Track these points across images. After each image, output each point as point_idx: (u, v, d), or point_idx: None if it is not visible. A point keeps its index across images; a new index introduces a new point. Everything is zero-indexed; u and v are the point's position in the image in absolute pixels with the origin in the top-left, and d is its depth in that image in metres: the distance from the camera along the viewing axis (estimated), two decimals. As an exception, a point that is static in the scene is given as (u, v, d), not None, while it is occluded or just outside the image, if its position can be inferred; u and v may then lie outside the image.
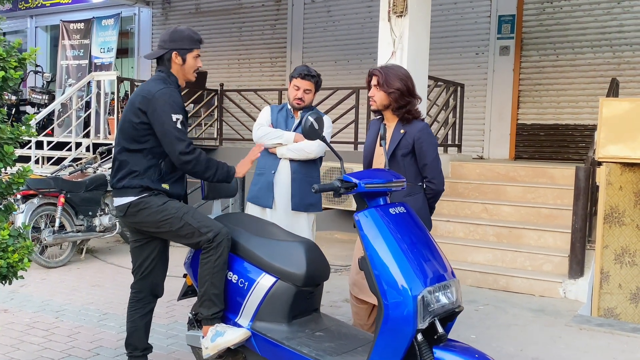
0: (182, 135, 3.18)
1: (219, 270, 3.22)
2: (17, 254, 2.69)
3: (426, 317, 2.63)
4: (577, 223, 5.63)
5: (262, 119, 4.34)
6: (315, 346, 2.98)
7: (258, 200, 4.25)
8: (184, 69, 3.37)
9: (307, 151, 4.15)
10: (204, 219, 3.26)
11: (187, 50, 3.33)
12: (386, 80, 3.53)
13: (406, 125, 3.58)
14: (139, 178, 3.26)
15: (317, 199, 4.28)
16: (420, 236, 2.86)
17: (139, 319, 3.48)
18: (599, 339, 4.60)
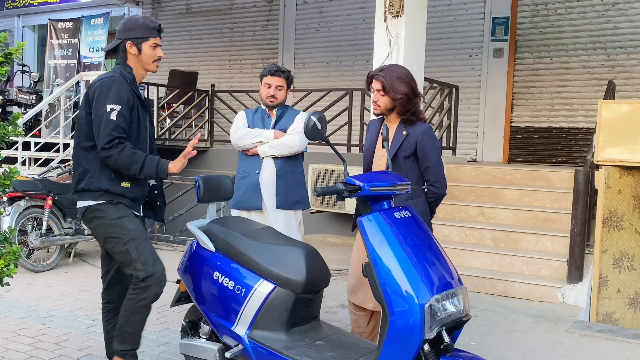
0: (111, 126, 2.99)
1: (139, 312, 3.12)
2: (2, 259, 2.55)
3: (434, 326, 2.52)
4: (576, 227, 5.55)
5: (238, 122, 4.29)
6: (315, 356, 2.86)
7: (244, 204, 4.16)
8: (141, 59, 3.20)
9: (289, 145, 4.09)
10: (146, 255, 3.09)
11: (142, 39, 3.17)
12: (392, 86, 3.41)
13: (409, 127, 3.48)
14: (97, 178, 3.10)
15: (303, 196, 4.21)
16: (426, 241, 2.75)
17: (112, 329, 3.32)
18: (600, 345, 4.51)
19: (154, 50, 3.21)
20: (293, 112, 4.29)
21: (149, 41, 3.19)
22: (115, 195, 3.13)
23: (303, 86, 10.54)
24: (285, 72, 4.18)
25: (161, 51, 3.27)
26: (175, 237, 7.92)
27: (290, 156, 4.17)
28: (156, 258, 3.15)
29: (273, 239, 3.23)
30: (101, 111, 3.01)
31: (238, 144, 4.21)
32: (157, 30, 3.23)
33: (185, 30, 12.50)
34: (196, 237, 3.34)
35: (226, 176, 3.57)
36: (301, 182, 4.23)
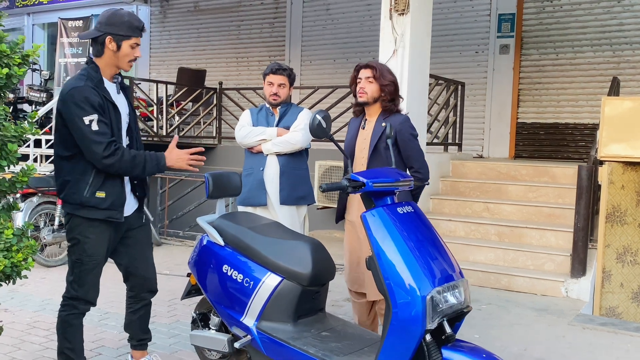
0: (98, 137, 2.98)
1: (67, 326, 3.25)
2: (21, 253, 2.66)
3: (435, 317, 2.61)
4: (580, 222, 5.62)
5: (242, 121, 4.40)
6: (321, 346, 2.96)
7: (250, 200, 4.26)
8: (118, 56, 3.12)
9: (292, 142, 4.19)
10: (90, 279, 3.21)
11: (123, 36, 3.09)
12: (382, 74, 3.66)
13: (388, 118, 3.66)
14: (74, 190, 3.11)
15: (307, 192, 4.31)
16: (428, 235, 2.84)
17: (130, 313, 3.57)
18: (602, 338, 4.59)
19: (132, 49, 3.16)
20: (296, 109, 4.38)
21: (131, 40, 3.13)
22: (89, 208, 3.11)
23: (309, 83, 10.63)
24: (287, 70, 4.27)
25: (139, 51, 3.21)
26: (185, 232, 8.04)
27: (294, 153, 4.26)
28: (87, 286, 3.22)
29: (280, 234, 3.33)
30: (80, 124, 2.97)
31: (242, 142, 4.32)
32: (140, 30, 3.19)
33: (193, 28, 12.60)
34: (206, 231, 3.45)
35: (235, 173, 3.67)
36: (305, 178, 4.33)
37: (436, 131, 7.98)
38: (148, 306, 3.60)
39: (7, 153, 2.64)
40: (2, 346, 4.06)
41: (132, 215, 3.36)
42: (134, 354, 3.62)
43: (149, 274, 3.49)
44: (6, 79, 2.61)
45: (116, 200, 3.17)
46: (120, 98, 3.25)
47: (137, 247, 3.43)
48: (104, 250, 3.25)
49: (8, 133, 2.64)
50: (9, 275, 2.68)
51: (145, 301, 3.56)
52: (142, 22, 3.24)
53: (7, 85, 2.65)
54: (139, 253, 3.44)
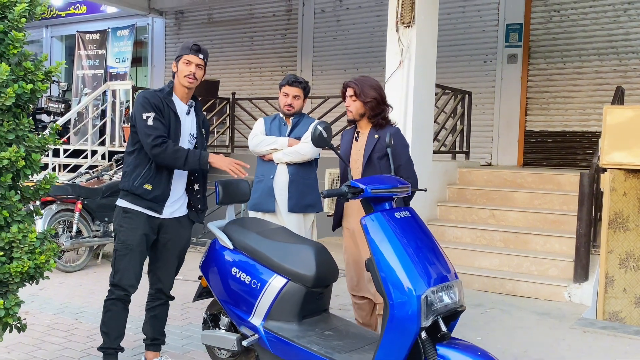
0: (150, 130, 3.39)
1: (106, 310, 3.59)
2: (43, 255, 2.86)
3: (429, 315, 2.77)
4: (582, 228, 5.75)
5: (256, 129, 4.59)
6: (324, 344, 3.13)
7: (259, 206, 4.44)
8: (178, 75, 3.58)
9: (301, 153, 4.37)
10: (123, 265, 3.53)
11: (179, 57, 3.57)
12: (362, 91, 3.81)
13: (379, 131, 3.84)
14: (126, 179, 3.53)
15: (315, 200, 4.47)
16: (425, 239, 3.01)
17: (148, 310, 3.82)
18: (602, 341, 4.70)
19: (186, 66, 3.53)
20: (308, 120, 4.56)
21: (182, 58, 3.54)
22: (134, 196, 3.49)
23: (320, 93, 10.82)
24: (303, 83, 4.46)
25: (194, 67, 3.53)
26: (198, 239, 8.23)
27: (304, 163, 4.44)
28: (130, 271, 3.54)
29: (286, 238, 3.52)
30: (139, 119, 3.43)
31: (255, 150, 4.52)
32: (190, 48, 3.54)
33: (207, 39, 12.86)
34: (216, 236, 3.63)
35: (244, 180, 3.85)
36: (313, 187, 4.50)
37: (443, 139, 8.13)
38: (164, 307, 3.83)
39: (31, 162, 2.85)
40: (23, 346, 4.27)
41: (176, 219, 3.66)
42: (147, 354, 3.84)
43: (165, 278, 3.76)
44: (30, 94, 2.81)
45: (160, 194, 3.53)
46: (190, 119, 3.66)
47: (165, 250, 3.69)
48: (137, 239, 3.53)
49: (32, 144, 2.85)
50: (32, 276, 2.87)
51: (160, 301, 3.79)
52: (192, 42, 3.59)
53: (32, 100, 2.86)
54: (164, 256, 3.71)
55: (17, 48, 2.81)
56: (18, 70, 2.83)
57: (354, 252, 3.90)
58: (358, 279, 3.90)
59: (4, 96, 2.69)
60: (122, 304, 3.59)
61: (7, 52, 2.81)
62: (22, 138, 2.82)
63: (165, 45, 13.39)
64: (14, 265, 2.75)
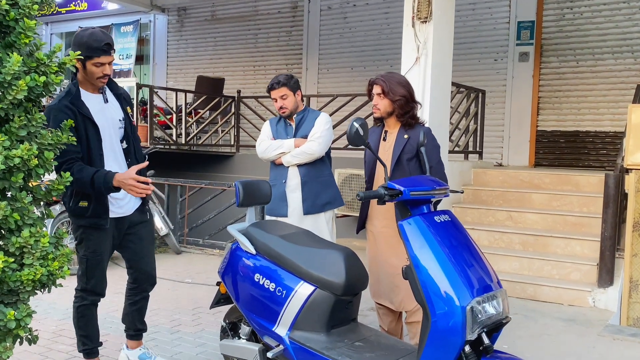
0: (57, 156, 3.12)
1: (80, 316, 3.57)
2: (57, 261, 2.65)
3: (475, 328, 2.57)
4: (607, 231, 5.55)
5: (263, 134, 4.44)
6: (356, 357, 2.92)
7: (272, 211, 4.30)
8: (86, 74, 3.26)
9: (309, 153, 4.20)
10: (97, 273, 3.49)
11: (85, 57, 3.18)
12: (391, 89, 3.61)
13: (409, 130, 3.65)
14: (65, 200, 3.38)
15: (332, 197, 4.29)
16: (466, 245, 2.81)
17: (129, 305, 3.79)
18: (634, 349, 4.52)
19: (98, 68, 3.22)
20: (313, 115, 4.35)
21: (93, 60, 3.20)
22: (77, 216, 3.37)
23: (327, 91, 10.63)
24: (282, 81, 4.25)
25: (109, 69, 3.24)
26: (205, 240, 8.03)
27: (315, 161, 4.25)
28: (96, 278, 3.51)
29: (312, 242, 3.30)
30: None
31: (263, 157, 4.37)
32: (102, 49, 3.19)
33: (211, 37, 12.66)
34: (237, 239, 3.42)
35: (264, 181, 3.66)
36: (329, 184, 4.30)
37: (457, 139, 7.93)
38: (146, 299, 3.83)
39: (44, 161, 2.63)
40: (31, 354, 4.06)
41: (135, 212, 3.59)
42: (130, 343, 3.84)
43: (149, 268, 3.73)
44: (43, 87, 2.60)
45: (98, 207, 3.35)
46: (109, 106, 3.41)
47: (139, 242, 3.65)
48: (107, 247, 3.50)
49: (45, 141, 2.63)
50: (44, 284, 2.66)
51: (144, 294, 3.79)
52: (103, 40, 3.20)
53: (44, 93, 2.65)
54: (140, 248, 3.66)
55: (29, 37, 2.59)
56: (30, 62, 2.61)
57: (376, 257, 3.71)
58: (378, 286, 3.71)
59: (15, 89, 2.48)
60: (94, 307, 3.61)
61: (18, 42, 2.59)
62: (34, 135, 2.61)
63: (167, 42, 13.17)
64: (25, 273, 2.54)
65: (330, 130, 4.31)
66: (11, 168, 2.52)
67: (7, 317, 2.50)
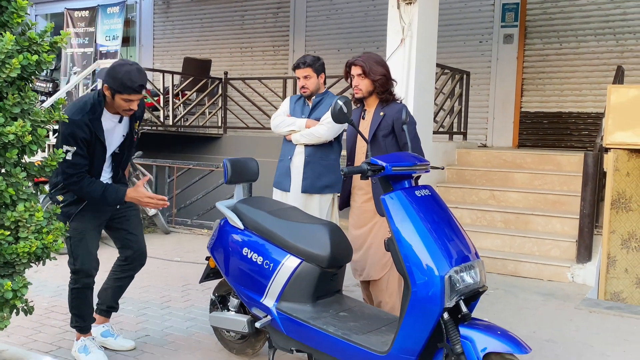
0: (67, 166, 3.30)
1: (74, 298, 3.58)
2: (51, 235, 2.74)
3: (453, 296, 2.70)
4: (586, 208, 5.71)
5: (281, 109, 4.58)
6: (340, 325, 3.05)
7: (279, 184, 4.47)
8: (113, 103, 3.40)
9: (316, 135, 4.30)
10: (74, 252, 3.49)
11: (116, 90, 3.32)
12: (371, 69, 3.72)
13: (385, 108, 3.76)
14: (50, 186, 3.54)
15: (333, 181, 4.37)
16: (445, 218, 2.93)
17: (113, 279, 3.83)
18: (609, 321, 4.69)
19: (126, 103, 3.37)
20: (331, 99, 4.39)
21: (122, 95, 3.33)
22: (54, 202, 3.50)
23: (314, 73, 10.67)
24: (307, 62, 4.34)
25: (136, 105, 3.39)
26: (193, 220, 8.12)
27: (323, 144, 4.34)
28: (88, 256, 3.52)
29: (298, 217, 3.42)
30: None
31: (275, 131, 4.52)
32: (135, 90, 3.31)
33: (197, 18, 12.64)
34: (225, 215, 3.53)
35: (252, 159, 3.75)
36: (332, 168, 4.38)
37: (442, 120, 8.05)
38: (131, 278, 3.87)
39: (37, 138, 2.71)
40: (23, 329, 4.15)
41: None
42: (98, 318, 3.85)
43: (141, 247, 3.79)
44: (35, 65, 2.67)
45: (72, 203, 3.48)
46: (120, 125, 3.53)
47: (128, 223, 3.73)
48: (90, 225, 3.54)
49: (39, 118, 2.71)
50: (39, 257, 2.75)
51: (132, 272, 3.84)
52: (137, 82, 3.31)
53: (36, 72, 2.72)
54: (132, 228, 3.75)
55: (21, 17, 2.67)
56: (22, 41, 2.68)
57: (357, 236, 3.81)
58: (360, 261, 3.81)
59: (9, 67, 2.55)
60: (89, 290, 3.62)
61: (11, 22, 2.67)
62: (27, 112, 2.69)
63: (153, 24, 13.13)
64: (21, 246, 2.63)
65: None
66: (5, 144, 2.60)
67: (4, 288, 2.60)
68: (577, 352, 3.99)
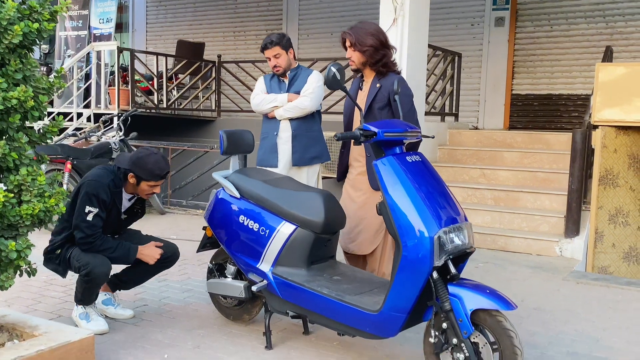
0: (86, 226, 3.49)
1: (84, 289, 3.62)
2: (53, 198, 2.82)
3: (442, 255, 2.80)
4: (574, 184, 5.84)
5: (257, 89, 4.64)
6: (334, 287, 3.15)
7: (263, 162, 4.52)
8: (136, 188, 3.64)
9: (301, 107, 4.41)
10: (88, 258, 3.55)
11: (144, 179, 3.57)
12: (358, 40, 3.67)
13: (382, 79, 3.71)
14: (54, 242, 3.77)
15: (320, 152, 4.49)
16: (435, 183, 3.02)
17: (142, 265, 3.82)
18: (595, 291, 4.82)
19: (151, 187, 3.62)
20: (306, 72, 4.55)
21: (149, 182, 3.59)
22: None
23: (307, 57, 10.71)
24: (275, 41, 4.45)
25: (159, 189, 3.68)
26: (188, 201, 8.20)
27: (306, 116, 4.47)
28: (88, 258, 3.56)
29: (293, 186, 3.52)
30: (81, 209, 3.50)
31: (257, 110, 4.59)
32: (161, 177, 3.59)
33: (190, 2, 12.64)
34: (222, 185, 3.62)
35: (247, 130, 3.83)
36: (318, 139, 4.52)
37: (433, 102, 8.14)
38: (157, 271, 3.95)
39: (39, 104, 2.79)
40: (23, 300, 4.24)
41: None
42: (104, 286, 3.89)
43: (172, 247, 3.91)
44: (37, 33, 2.75)
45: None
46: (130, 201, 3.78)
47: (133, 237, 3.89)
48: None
49: (40, 84, 2.79)
50: (42, 220, 2.84)
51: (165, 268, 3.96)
52: (164, 170, 3.60)
53: (37, 40, 2.79)
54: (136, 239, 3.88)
55: (22, -15, 2.74)
56: (23, 10, 2.75)
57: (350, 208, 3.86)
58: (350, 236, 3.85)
59: (10, 34, 2.62)
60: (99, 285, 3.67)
61: (12, -10, 2.73)
62: (29, 78, 2.76)
63: (146, 9, 13.13)
64: (24, 208, 2.71)
65: (321, 87, 4.48)
66: (8, 109, 2.68)
67: (8, 249, 2.68)
68: (563, 319, 4.12)
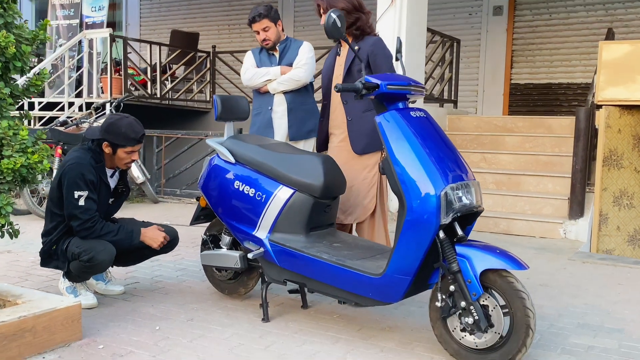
0: (80, 211, 3.29)
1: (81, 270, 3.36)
2: (37, 155, 2.66)
3: (449, 213, 2.64)
4: (578, 164, 5.69)
5: (247, 63, 4.48)
6: (334, 253, 2.99)
7: None
8: (113, 158, 3.45)
9: (295, 79, 4.27)
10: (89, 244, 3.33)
11: (118, 145, 3.39)
12: (329, 4, 3.57)
13: (360, 42, 3.61)
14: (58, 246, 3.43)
15: (316, 124, 4.33)
16: (441, 139, 2.87)
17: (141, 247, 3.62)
18: (602, 269, 4.67)
19: (128, 154, 3.44)
20: (296, 43, 4.41)
21: (125, 148, 3.41)
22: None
23: (303, 47, 10.59)
24: (263, 13, 4.30)
25: (137, 155, 3.51)
26: (182, 190, 8.03)
27: (300, 89, 4.33)
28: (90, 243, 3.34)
29: (289, 150, 3.35)
30: (70, 197, 3.28)
31: (249, 85, 4.42)
32: (136, 140, 3.41)
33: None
34: (216, 150, 3.45)
35: (242, 97, 3.68)
36: (313, 112, 4.38)
37: (431, 88, 8.00)
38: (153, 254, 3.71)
39: (21, 54, 2.63)
40: (10, 278, 4.07)
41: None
42: None
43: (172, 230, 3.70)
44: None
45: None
46: (112, 180, 3.60)
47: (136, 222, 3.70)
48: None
49: (23, 33, 2.63)
50: (24, 177, 2.67)
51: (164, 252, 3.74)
52: (139, 132, 3.43)
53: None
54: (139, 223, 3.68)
55: None
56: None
57: None
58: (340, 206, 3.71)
59: (-10, -25, 2.47)
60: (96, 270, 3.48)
61: None
62: (11, 25, 2.60)
63: (140, 5, 12.97)
64: (5, 162, 2.55)
65: (313, 58, 4.39)
66: (-12, 56, 2.52)
67: (-12, 205, 2.52)
68: (571, 294, 3.97)
